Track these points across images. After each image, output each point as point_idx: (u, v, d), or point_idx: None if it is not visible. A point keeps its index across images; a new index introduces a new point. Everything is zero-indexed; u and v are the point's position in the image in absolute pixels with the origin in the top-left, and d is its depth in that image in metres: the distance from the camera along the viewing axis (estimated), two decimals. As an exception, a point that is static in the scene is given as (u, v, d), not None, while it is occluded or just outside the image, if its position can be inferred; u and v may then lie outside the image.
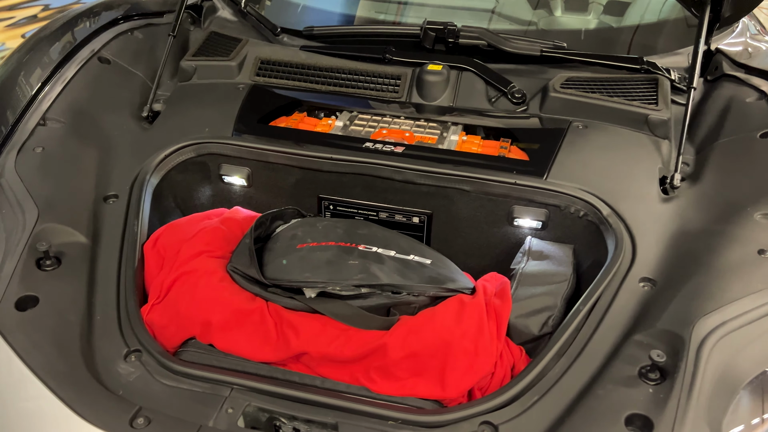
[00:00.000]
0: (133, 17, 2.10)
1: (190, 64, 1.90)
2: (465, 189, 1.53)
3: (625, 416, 1.05)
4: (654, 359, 1.10)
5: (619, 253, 1.34)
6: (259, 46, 1.97)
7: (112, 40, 1.97)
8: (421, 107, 1.78)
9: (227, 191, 1.72)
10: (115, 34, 1.99)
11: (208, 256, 1.38)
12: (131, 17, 2.10)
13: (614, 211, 1.43)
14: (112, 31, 1.99)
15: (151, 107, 1.79)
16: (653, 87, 1.73)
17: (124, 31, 2.02)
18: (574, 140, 1.61)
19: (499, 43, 1.86)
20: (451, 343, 1.19)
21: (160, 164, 1.61)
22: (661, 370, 1.10)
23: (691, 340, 1.12)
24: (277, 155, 1.62)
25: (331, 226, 1.45)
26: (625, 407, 1.06)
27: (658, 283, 1.29)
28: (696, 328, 1.14)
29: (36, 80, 1.74)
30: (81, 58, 1.85)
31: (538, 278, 1.38)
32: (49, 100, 1.71)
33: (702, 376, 1.07)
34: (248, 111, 1.75)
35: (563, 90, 1.70)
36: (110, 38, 1.97)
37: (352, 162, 1.57)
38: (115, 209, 1.51)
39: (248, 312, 1.25)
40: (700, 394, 1.05)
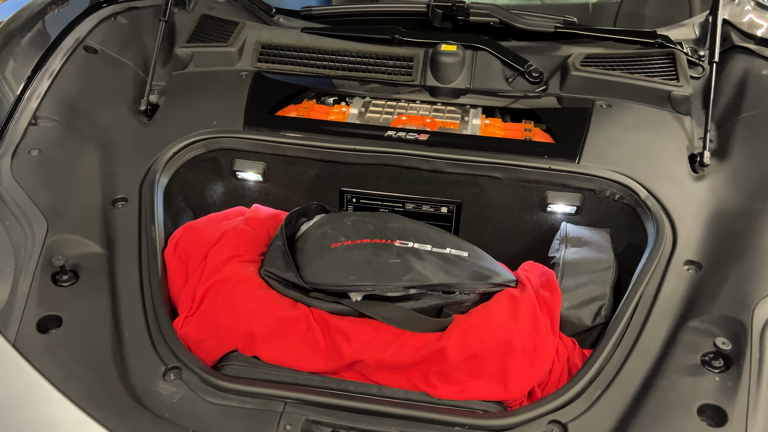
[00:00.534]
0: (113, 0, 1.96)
1: (185, 51, 1.78)
2: (496, 176, 1.48)
3: (696, 407, 1.04)
4: (719, 347, 1.08)
5: (662, 237, 1.32)
6: (258, 29, 1.85)
7: (96, 27, 1.82)
8: (437, 90, 1.71)
9: (241, 187, 1.62)
10: (98, 21, 1.84)
11: (239, 261, 1.30)
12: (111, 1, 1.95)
13: (651, 194, 1.41)
14: (93, 17, 1.85)
15: (148, 99, 1.67)
16: (671, 62, 1.70)
17: (107, 17, 1.88)
18: (600, 120, 1.58)
19: (512, 20, 1.79)
20: (510, 341, 1.15)
21: (168, 162, 1.51)
22: (724, 358, 1.09)
23: (753, 324, 1.11)
24: (296, 148, 1.53)
25: (360, 222, 1.39)
26: (695, 398, 1.05)
27: (704, 266, 1.28)
28: (756, 313, 1.13)
29: (20, 76, 1.60)
30: (66, 49, 1.71)
31: (582, 266, 1.35)
32: (38, 96, 1.58)
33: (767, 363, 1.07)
34: (256, 100, 1.65)
35: (584, 68, 1.66)
36: (93, 25, 1.82)
37: (376, 153, 1.50)
38: (126, 214, 1.41)
39: (293, 320, 1.18)
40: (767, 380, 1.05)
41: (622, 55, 1.72)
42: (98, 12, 1.87)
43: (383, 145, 1.51)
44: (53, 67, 1.65)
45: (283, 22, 1.94)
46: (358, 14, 1.93)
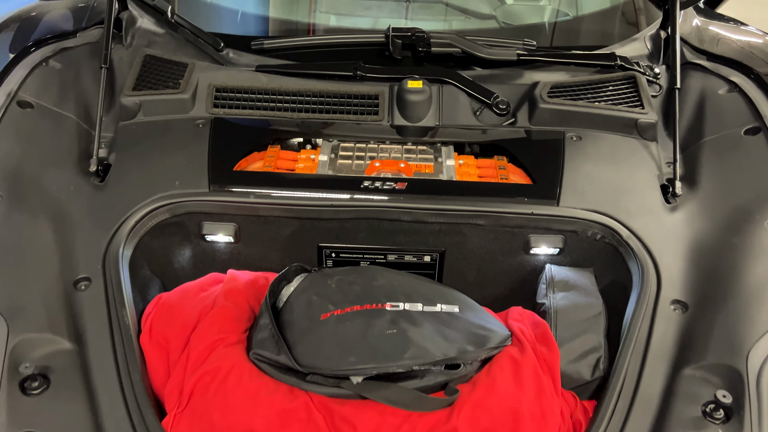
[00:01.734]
0: (42, 42, 1.79)
1: (132, 100, 1.65)
2: (479, 223, 1.46)
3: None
4: (720, 400, 1.11)
5: (647, 279, 1.34)
6: (210, 71, 1.73)
7: (28, 76, 1.66)
8: (406, 129, 1.66)
9: (211, 250, 1.53)
10: (29, 69, 1.68)
11: (225, 345, 1.23)
12: (39, 43, 1.78)
13: (632, 232, 1.42)
14: (23, 65, 1.69)
15: (98, 159, 1.54)
16: (633, 87, 1.71)
17: (38, 64, 1.71)
18: (573, 154, 1.57)
19: (474, 49, 1.76)
20: (518, 410, 1.13)
21: (131, 232, 1.40)
22: (725, 409, 1.12)
23: (749, 371, 1.14)
24: (269, 207, 1.45)
25: (344, 282, 1.34)
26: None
27: (690, 305, 1.30)
28: (750, 359, 1.16)
29: None
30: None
31: (573, 314, 1.36)
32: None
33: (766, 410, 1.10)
34: (219, 153, 1.55)
35: (551, 100, 1.65)
36: (24, 75, 1.66)
37: (354, 207, 1.44)
38: (91, 297, 1.30)
39: (293, 410, 1.13)
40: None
41: (586, 82, 1.72)
42: (27, 59, 1.71)
43: (361, 199, 1.45)
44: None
45: (234, 57, 1.82)
46: (313, 46, 1.85)
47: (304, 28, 2.06)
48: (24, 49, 1.73)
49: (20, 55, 1.70)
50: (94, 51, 1.82)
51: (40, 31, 1.85)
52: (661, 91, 1.79)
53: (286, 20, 2.08)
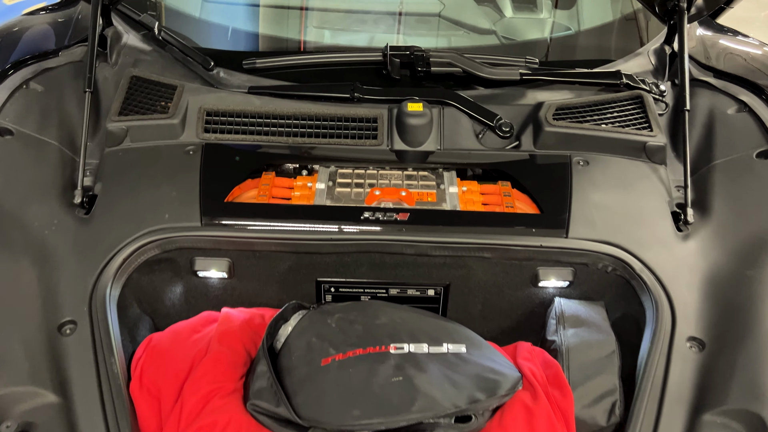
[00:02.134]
0: (23, 63, 1.70)
1: (119, 126, 1.57)
2: (486, 256, 1.39)
3: None
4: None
5: (661, 315, 1.28)
6: (200, 94, 1.65)
7: (7, 101, 1.58)
8: (407, 154, 1.59)
9: (204, 286, 1.46)
10: (8, 93, 1.59)
11: (220, 396, 1.15)
12: (19, 63, 1.69)
13: (644, 264, 1.36)
14: (2, 88, 1.60)
15: (83, 190, 1.46)
16: (640, 107, 1.66)
17: (18, 86, 1.62)
18: (580, 180, 1.51)
19: (475, 69, 1.69)
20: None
21: (119, 270, 1.32)
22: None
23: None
24: (264, 242, 1.38)
25: (345, 321, 1.27)
26: None
27: (707, 343, 1.25)
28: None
29: None
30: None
31: (585, 352, 1.30)
32: None
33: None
34: (210, 182, 1.47)
35: (557, 122, 1.59)
36: (4, 99, 1.57)
37: (354, 241, 1.38)
38: (77, 342, 1.22)
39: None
40: None
41: (591, 102, 1.66)
42: (6, 82, 1.62)
43: (361, 231, 1.38)
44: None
45: (224, 78, 1.74)
46: (307, 65, 1.77)
47: (297, 45, 1.98)
48: (3, 70, 1.64)
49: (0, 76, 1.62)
50: (78, 71, 1.74)
51: (20, 50, 1.76)
52: (667, 109, 1.74)
53: (278, 37, 2.00)
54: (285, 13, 2.02)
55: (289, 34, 2.00)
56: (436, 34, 2.06)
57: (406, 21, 2.07)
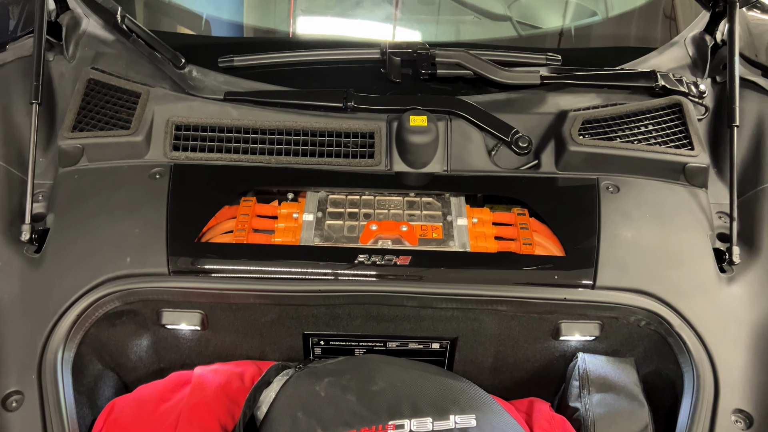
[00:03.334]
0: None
1: (72, 143, 1.34)
2: (500, 309, 1.20)
3: None
4: None
5: (703, 382, 1.10)
6: (168, 102, 1.42)
7: None
8: (408, 176, 1.37)
9: (173, 338, 1.27)
10: None
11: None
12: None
13: (682, 317, 1.17)
14: None
15: (32, 226, 1.25)
16: (679, 117, 1.43)
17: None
18: (610, 213, 1.30)
19: (488, 72, 1.45)
20: None
21: (72, 329, 1.13)
22: None
23: None
24: (242, 294, 1.18)
25: (337, 389, 1.10)
26: None
27: (755, 418, 1.08)
28: None
29: None
30: None
31: (614, 426, 1.12)
32: None
33: None
34: (180, 216, 1.26)
35: (583, 141, 1.36)
36: None
37: (347, 292, 1.18)
38: (23, 418, 1.05)
39: None
40: None
41: (623, 113, 1.43)
42: None
43: (356, 280, 1.18)
44: None
45: (198, 77, 1.50)
46: (292, 65, 1.53)
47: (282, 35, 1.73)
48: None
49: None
50: (28, 69, 1.49)
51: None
52: (706, 114, 1.51)
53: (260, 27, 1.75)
54: None
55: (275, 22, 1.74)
56: (437, 20, 1.80)
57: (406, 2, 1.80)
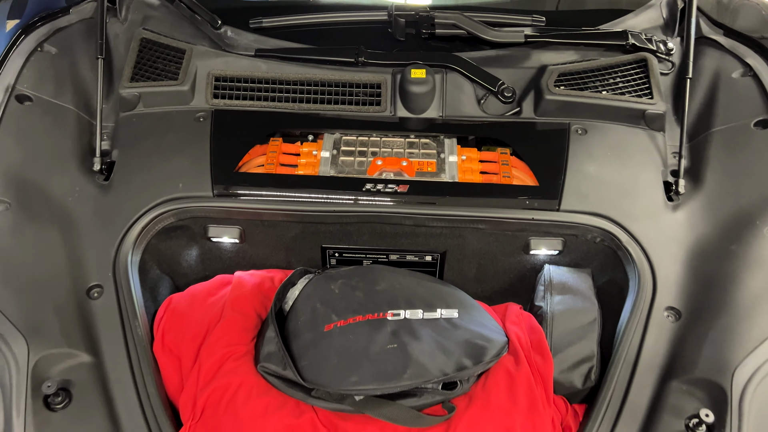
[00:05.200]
0: (35, 23, 1.74)
1: (131, 92, 1.63)
2: (480, 227, 1.47)
3: None
4: (703, 419, 1.17)
5: (643, 287, 1.37)
6: (208, 58, 1.69)
7: (24, 66, 1.63)
8: (409, 121, 1.64)
9: (218, 249, 1.57)
10: (25, 58, 1.65)
11: (234, 359, 1.29)
12: (32, 26, 1.73)
13: (631, 235, 1.43)
14: (18, 54, 1.65)
15: (101, 157, 1.54)
16: (644, 71, 1.66)
17: (33, 50, 1.67)
18: (577, 151, 1.56)
19: (479, 31, 1.70)
20: (512, 427, 1.21)
21: (138, 238, 1.43)
22: (707, 427, 1.18)
23: (733, 392, 1.19)
24: (272, 212, 1.47)
25: (347, 287, 1.38)
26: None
27: (683, 314, 1.34)
28: (736, 378, 1.20)
29: None
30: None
31: (568, 320, 1.40)
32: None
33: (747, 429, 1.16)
34: (221, 151, 1.55)
35: (558, 90, 1.61)
36: (21, 65, 1.63)
37: (356, 213, 1.46)
38: (104, 305, 1.35)
39: (299, 426, 1.20)
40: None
41: (594, 67, 1.67)
42: (21, 46, 1.67)
43: (363, 203, 1.46)
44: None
45: (232, 37, 1.77)
46: (312, 25, 1.79)
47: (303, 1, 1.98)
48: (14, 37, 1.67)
49: (13, 44, 1.66)
50: (89, 29, 1.77)
51: (30, 7, 1.79)
52: (673, 68, 1.74)
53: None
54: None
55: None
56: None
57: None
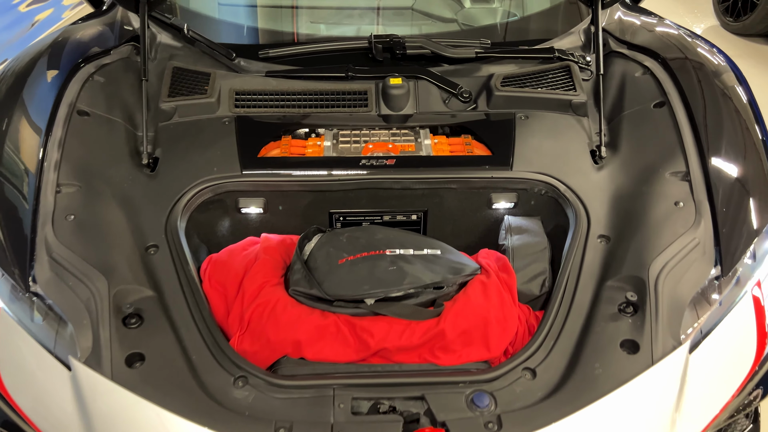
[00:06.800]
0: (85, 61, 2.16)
1: (170, 105, 2.04)
2: (452, 187, 1.90)
3: (618, 342, 1.51)
4: (628, 298, 1.57)
5: (580, 221, 1.79)
6: (229, 78, 2.14)
7: (81, 90, 2.04)
8: (390, 117, 2.09)
9: (246, 220, 1.95)
10: (81, 84, 2.05)
11: (270, 285, 1.65)
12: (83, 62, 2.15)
13: (568, 187, 1.87)
14: (75, 81, 2.05)
15: (148, 153, 1.94)
16: (568, 74, 2.16)
17: (86, 79, 2.09)
18: (522, 130, 2.02)
19: (440, 50, 2.19)
20: (487, 316, 1.58)
21: (184, 208, 1.81)
22: (633, 305, 1.57)
23: (649, 279, 1.59)
24: (290, 184, 1.87)
25: (352, 238, 1.76)
26: (617, 336, 1.52)
27: (611, 238, 1.76)
28: (650, 270, 1.61)
29: (31, 147, 1.82)
30: (63, 116, 1.92)
31: (525, 250, 1.81)
32: (54, 166, 1.80)
33: (661, 305, 1.55)
34: (244, 144, 1.96)
35: (504, 88, 2.09)
36: (79, 89, 2.03)
37: (355, 180, 1.87)
38: (161, 259, 1.70)
39: (326, 326, 1.56)
40: (662, 317, 1.53)
41: (530, 72, 2.17)
42: (77, 75, 2.08)
43: (360, 174, 1.88)
44: (58, 135, 1.87)
45: (244, 65, 2.22)
46: (310, 53, 2.26)
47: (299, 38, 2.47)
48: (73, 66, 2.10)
49: (71, 73, 2.08)
50: (128, 65, 2.21)
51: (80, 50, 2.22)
52: (592, 75, 2.25)
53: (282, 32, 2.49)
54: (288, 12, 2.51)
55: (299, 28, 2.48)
56: (410, 24, 2.55)
57: (385, 14, 2.56)
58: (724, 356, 1.54)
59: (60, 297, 1.54)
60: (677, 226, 1.70)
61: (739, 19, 5.11)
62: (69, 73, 2.07)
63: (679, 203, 1.76)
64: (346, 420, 1.39)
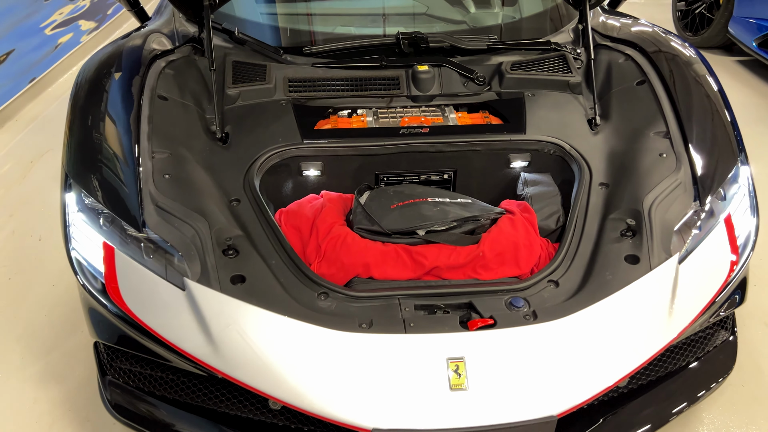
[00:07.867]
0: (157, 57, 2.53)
1: (235, 90, 2.42)
2: (477, 150, 2.30)
3: (623, 257, 1.90)
4: (629, 224, 1.97)
5: (584, 173, 2.20)
6: (283, 68, 2.53)
7: (158, 80, 2.40)
8: (419, 97, 2.49)
9: (305, 182, 2.32)
10: (158, 74, 2.42)
11: (338, 225, 2.02)
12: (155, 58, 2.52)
13: (572, 147, 2.28)
14: (153, 71, 2.42)
15: (221, 129, 2.30)
16: (564, 61, 2.60)
17: (160, 71, 2.45)
18: (531, 105, 2.44)
19: (458, 43, 2.62)
20: (517, 242, 1.97)
21: (257, 170, 2.17)
22: (632, 230, 1.97)
23: (644, 209, 2.00)
24: (344, 149, 2.25)
25: (398, 192, 2.15)
26: (621, 252, 1.91)
27: (610, 185, 2.17)
28: (644, 203, 2.02)
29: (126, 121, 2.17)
30: (148, 99, 2.28)
31: (541, 197, 2.21)
32: (147, 137, 2.16)
33: (654, 227, 1.95)
34: (301, 120, 2.34)
35: (513, 72, 2.52)
36: (156, 79, 2.40)
37: (397, 145, 2.26)
38: (243, 209, 2.05)
39: (388, 252, 1.93)
40: (656, 237, 1.93)
41: (533, 60, 2.60)
42: (154, 67, 2.44)
43: (401, 140, 2.27)
44: (146, 113, 2.23)
45: (291, 60, 2.61)
46: (347, 49, 2.66)
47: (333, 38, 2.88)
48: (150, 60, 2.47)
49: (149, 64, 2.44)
50: (189, 62, 2.58)
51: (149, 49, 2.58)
52: (582, 64, 2.69)
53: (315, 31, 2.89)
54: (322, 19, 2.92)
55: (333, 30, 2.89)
56: (425, 27, 2.97)
57: (403, 18, 2.98)
58: (706, 267, 1.95)
59: (169, 235, 1.88)
60: (662, 171, 2.12)
61: (698, 33, 5.68)
62: (146, 67, 2.43)
63: (663, 154, 2.18)
64: (413, 317, 1.75)
